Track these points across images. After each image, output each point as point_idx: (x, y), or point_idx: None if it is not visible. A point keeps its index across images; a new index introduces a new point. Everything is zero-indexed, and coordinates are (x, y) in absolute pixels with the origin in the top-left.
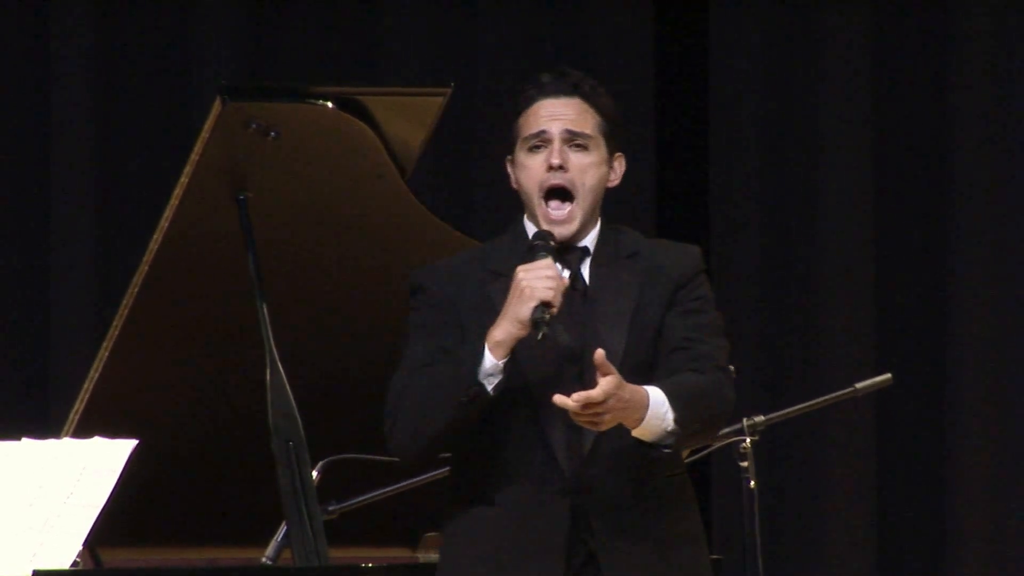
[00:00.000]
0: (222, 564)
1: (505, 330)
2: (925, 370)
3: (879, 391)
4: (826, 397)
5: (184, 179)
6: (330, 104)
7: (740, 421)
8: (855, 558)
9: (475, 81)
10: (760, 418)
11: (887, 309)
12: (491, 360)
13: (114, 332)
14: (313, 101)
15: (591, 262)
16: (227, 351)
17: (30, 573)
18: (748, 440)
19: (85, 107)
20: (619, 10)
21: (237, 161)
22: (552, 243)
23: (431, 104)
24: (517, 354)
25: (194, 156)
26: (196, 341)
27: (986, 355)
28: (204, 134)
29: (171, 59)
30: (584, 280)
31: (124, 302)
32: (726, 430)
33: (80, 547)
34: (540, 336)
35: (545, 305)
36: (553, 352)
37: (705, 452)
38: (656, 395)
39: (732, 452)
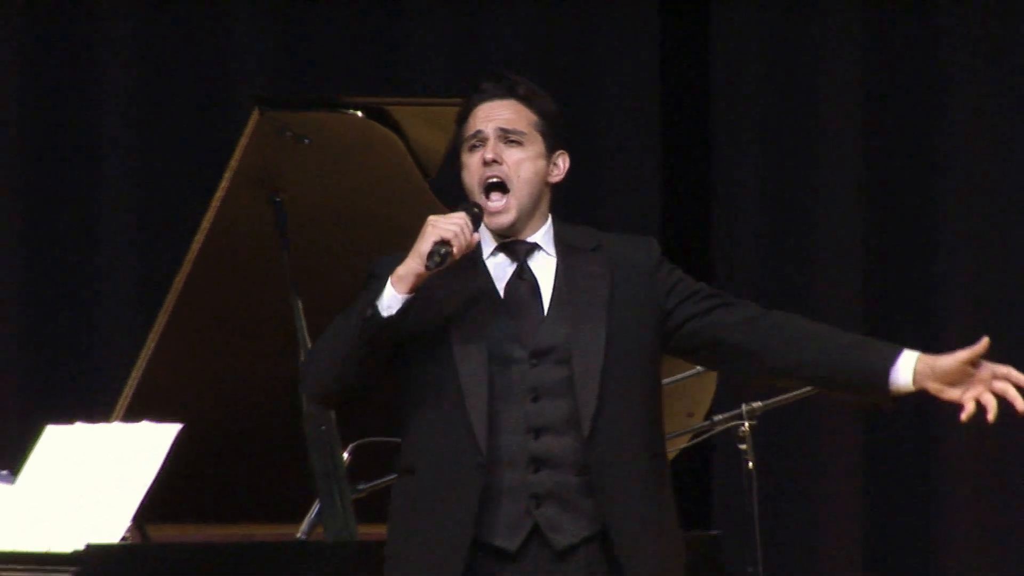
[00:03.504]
0: (259, 539)
1: (406, 265)
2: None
3: None
4: None
5: (224, 183)
6: (359, 113)
7: (739, 407)
8: (845, 531)
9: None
10: (758, 404)
11: (876, 302)
12: (391, 292)
13: (159, 325)
14: (343, 110)
15: (557, 257)
16: (263, 342)
17: (83, 546)
18: (747, 424)
19: (132, 116)
20: (625, 23)
21: (272, 166)
22: (476, 210)
23: (453, 113)
24: (460, 334)
25: (233, 162)
26: (235, 333)
27: (975, 338)
28: (242, 141)
29: (211, 71)
30: (532, 273)
31: (168, 298)
32: (726, 415)
33: (129, 523)
34: (431, 265)
35: (444, 242)
36: (497, 333)
37: (707, 435)
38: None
39: (732, 436)
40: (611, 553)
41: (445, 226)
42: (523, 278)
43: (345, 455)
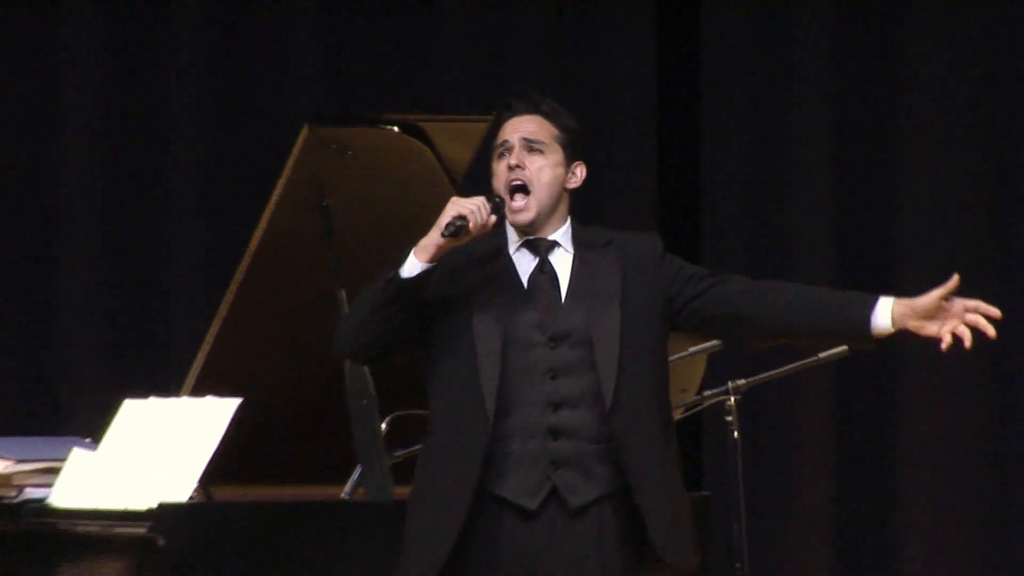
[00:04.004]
0: (308, 499)
1: (428, 236)
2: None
3: (838, 360)
4: (796, 364)
5: (278, 189)
6: (395, 129)
7: (726, 384)
8: (818, 492)
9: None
10: (742, 381)
11: (844, 280)
12: (413, 260)
13: (221, 314)
14: (382, 126)
15: (574, 253)
16: (311, 328)
17: (156, 505)
18: (732, 399)
19: (198, 129)
20: (624, 35)
21: (320, 175)
22: (497, 199)
23: (477, 128)
24: (482, 318)
25: (286, 170)
26: (287, 320)
27: None
28: (294, 152)
29: (267, 91)
30: (552, 267)
31: (229, 290)
32: (714, 391)
33: (195, 484)
34: (446, 233)
35: (461, 217)
36: (519, 319)
37: (698, 409)
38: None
39: (720, 409)
40: (620, 511)
41: (464, 203)
42: (544, 271)
43: (383, 425)
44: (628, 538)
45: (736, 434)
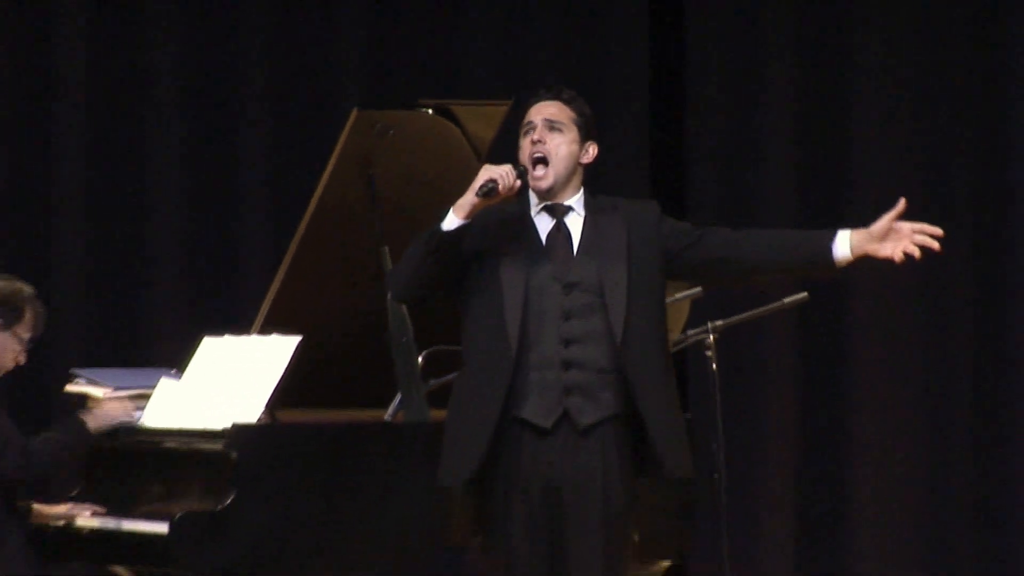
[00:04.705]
0: (356, 420)
1: (464, 197)
2: (831, 289)
3: (801, 305)
4: (765, 308)
5: (331, 161)
6: (430, 111)
7: (706, 324)
8: (784, 413)
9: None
10: (720, 322)
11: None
12: (451, 216)
13: (286, 265)
14: (419, 109)
15: (585, 216)
16: (359, 277)
17: (230, 425)
18: (712, 337)
19: (265, 112)
20: (621, 41)
21: (367, 150)
22: (522, 168)
23: (499, 111)
24: (508, 269)
25: (338, 146)
26: (339, 271)
27: (876, 278)
28: (345, 131)
29: (323, 78)
30: (567, 227)
31: (292, 245)
32: (697, 330)
33: (263, 408)
34: (479, 193)
35: (492, 180)
36: (538, 270)
37: (682, 346)
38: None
39: (701, 346)
40: (620, 431)
41: (494, 170)
42: (560, 231)
43: (420, 359)
44: (627, 453)
45: (715, 366)
